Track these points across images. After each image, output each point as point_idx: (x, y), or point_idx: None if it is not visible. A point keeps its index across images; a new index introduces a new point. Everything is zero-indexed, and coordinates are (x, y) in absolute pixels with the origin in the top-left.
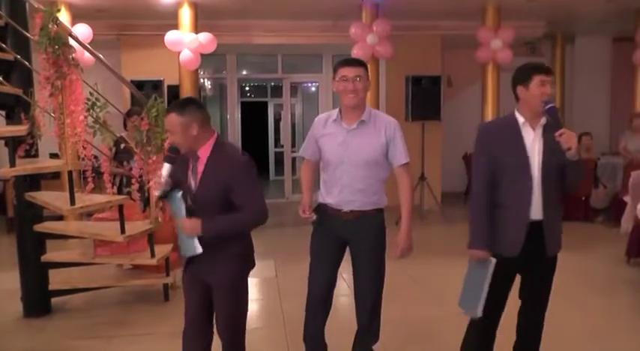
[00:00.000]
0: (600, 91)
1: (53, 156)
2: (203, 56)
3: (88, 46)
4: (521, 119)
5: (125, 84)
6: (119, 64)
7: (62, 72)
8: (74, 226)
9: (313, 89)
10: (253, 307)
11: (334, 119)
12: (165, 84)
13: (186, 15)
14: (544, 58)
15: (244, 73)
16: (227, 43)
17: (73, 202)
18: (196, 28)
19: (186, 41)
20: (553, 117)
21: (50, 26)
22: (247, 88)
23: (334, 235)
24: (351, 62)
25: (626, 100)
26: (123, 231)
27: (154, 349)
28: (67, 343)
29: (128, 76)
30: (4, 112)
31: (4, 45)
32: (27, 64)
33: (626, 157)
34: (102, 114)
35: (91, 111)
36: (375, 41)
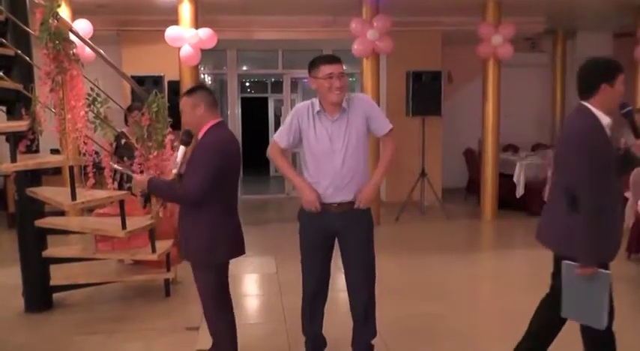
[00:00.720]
0: None
1: (54, 151)
2: (203, 52)
3: (89, 41)
4: (605, 120)
5: (126, 79)
6: (120, 60)
7: (63, 67)
8: (75, 221)
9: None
10: (254, 302)
11: (317, 111)
12: (166, 79)
13: (186, 10)
14: (545, 53)
15: (245, 68)
16: (227, 38)
17: (74, 197)
18: (196, 24)
19: (187, 37)
20: (629, 120)
21: (50, 21)
22: (248, 84)
23: (323, 229)
24: (332, 60)
25: (626, 95)
26: (124, 226)
27: (155, 345)
28: (68, 339)
29: (128, 71)
30: (4, 108)
31: (4, 40)
32: (28, 59)
33: None
34: (103, 109)
35: (91, 106)
36: (375, 37)
